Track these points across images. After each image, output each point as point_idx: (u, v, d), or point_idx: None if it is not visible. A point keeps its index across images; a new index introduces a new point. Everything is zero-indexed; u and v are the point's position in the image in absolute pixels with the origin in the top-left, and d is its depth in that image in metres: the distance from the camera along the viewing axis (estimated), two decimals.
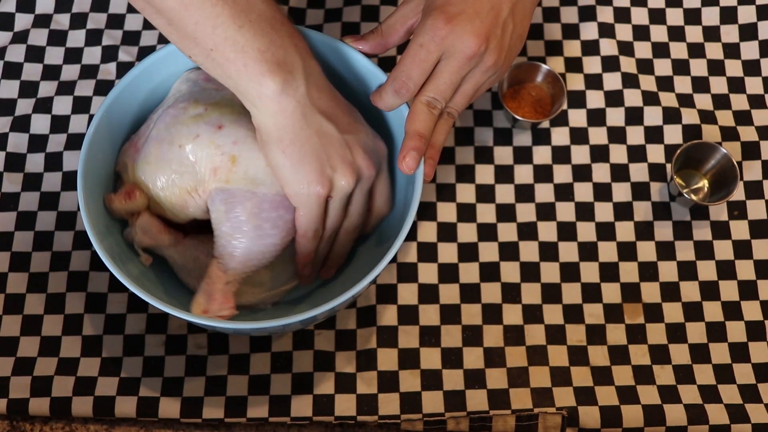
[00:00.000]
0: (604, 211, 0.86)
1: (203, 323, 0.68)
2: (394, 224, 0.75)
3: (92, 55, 0.92)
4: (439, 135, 0.73)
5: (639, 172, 0.88)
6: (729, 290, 0.84)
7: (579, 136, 0.89)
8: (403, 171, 0.70)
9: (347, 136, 0.69)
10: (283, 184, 0.69)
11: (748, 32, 0.94)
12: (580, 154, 0.88)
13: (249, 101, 0.66)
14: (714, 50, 0.94)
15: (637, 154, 0.89)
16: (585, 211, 0.86)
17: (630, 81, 0.91)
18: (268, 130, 0.67)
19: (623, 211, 0.87)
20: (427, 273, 0.83)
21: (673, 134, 0.89)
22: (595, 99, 0.91)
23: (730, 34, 0.94)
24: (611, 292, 0.83)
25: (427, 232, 0.85)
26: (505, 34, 0.71)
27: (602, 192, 0.87)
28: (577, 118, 0.90)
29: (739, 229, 0.86)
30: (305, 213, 0.70)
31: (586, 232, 0.86)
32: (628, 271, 0.84)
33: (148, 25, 0.93)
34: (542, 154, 0.89)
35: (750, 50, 0.94)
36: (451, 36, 0.69)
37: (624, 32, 0.94)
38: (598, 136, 0.89)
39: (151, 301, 0.67)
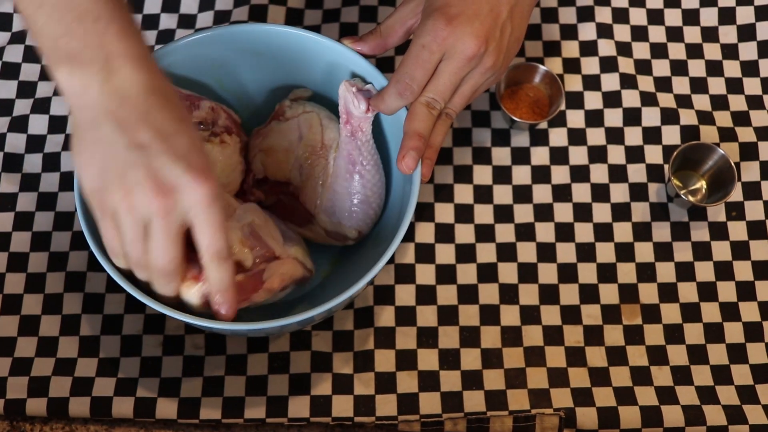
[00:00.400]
0: (602, 212, 0.86)
1: (200, 324, 0.68)
2: (392, 225, 0.75)
3: None
4: (437, 135, 0.73)
5: (637, 172, 0.88)
6: (727, 291, 0.84)
7: (577, 136, 0.89)
8: (402, 171, 0.70)
9: (137, 154, 0.59)
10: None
11: (747, 33, 0.94)
12: (578, 155, 0.88)
13: (60, 88, 0.61)
14: (712, 51, 0.94)
15: (635, 154, 0.89)
16: (583, 212, 0.86)
17: (628, 82, 0.91)
18: (72, 119, 0.62)
19: (621, 212, 0.86)
20: (425, 274, 0.83)
21: (671, 135, 0.89)
22: (593, 100, 0.90)
23: (728, 34, 0.94)
24: (609, 293, 0.83)
25: (425, 232, 0.85)
26: (504, 35, 0.71)
27: (600, 193, 0.87)
28: (575, 118, 0.90)
29: (737, 230, 0.86)
30: (97, 221, 0.63)
31: (583, 232, 0.86)
32: (626, 272, 0.84)
33: (146, 26, 0.93)
34: (540, 155, 0.88)
35: (748, 51, 0.94)
36: (452, 37, 0.69)
37: (622, 33, 0.94)
38: (596, 136, 0.89)
39: (147, 302, 0.67)
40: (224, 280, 0.64)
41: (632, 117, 0.90)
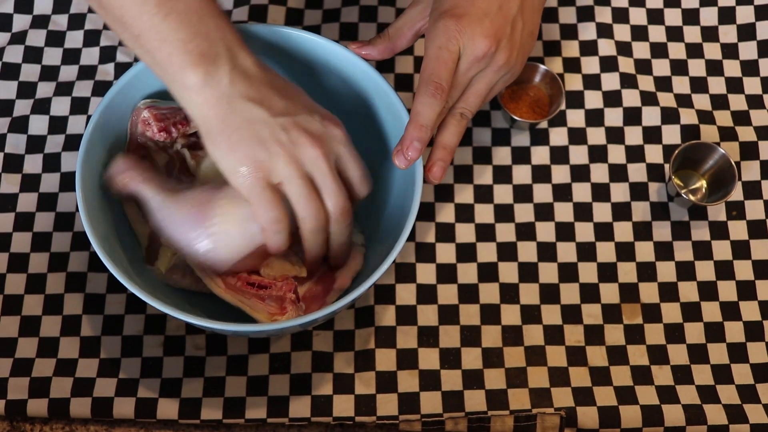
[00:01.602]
0: (602, 212, 0.86)
1: (202, 325, 0.68)
2: (394, 227, 0.75)
3: (90, 55, 0.92)
4: (452, 136, 0.73)
5: (637, 172, 0.88)
6: (727, 290, 0.84)
7: (577, 136, 0.89)
8: (399, 164, 0.70)
9: (282, 118, 0.66)
10: (224, 176, 0.67)
11: (747, 32, 0.94)
12: (579, 155, 0.88)
13: (176, 92, 0.65)
14: (712, 50, 0.94)
15: (635, 154, 0.89)
16: (583, 212, 0.86)
17: (628, 81, 0.91)
18: (198, 123, 0.66)
19: (621, 212, 0.87)
20: (426, 273, 0.83)
21: (672, 134, 0.89)
22: (593, 99, 0.91)
23: (728, 34, 0.94)
24: (609, 293, 0.83)
25: (426, 232, 0.85)
26: (515, 31, 0.71)
27: (600, 192, 0.87)
28: (576, 118, 0.90)
29: (738, 230, 0.86)
30: (254, 202, 0.67)
31: (584, 232, 0.86)
32: (627, 272, 0.84)
33: None
34: (540, 155, 0.89)
35: (748, 50, 0.94)
36: (463, 37, 0.69)
37: (622, 32, 0.94)
38: (596, 136, 0.89)
39: (152, 302, 0.67)
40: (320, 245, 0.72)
41: (632, 116, 0.90)
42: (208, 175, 0.75)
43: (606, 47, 0.92)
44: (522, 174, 0.88)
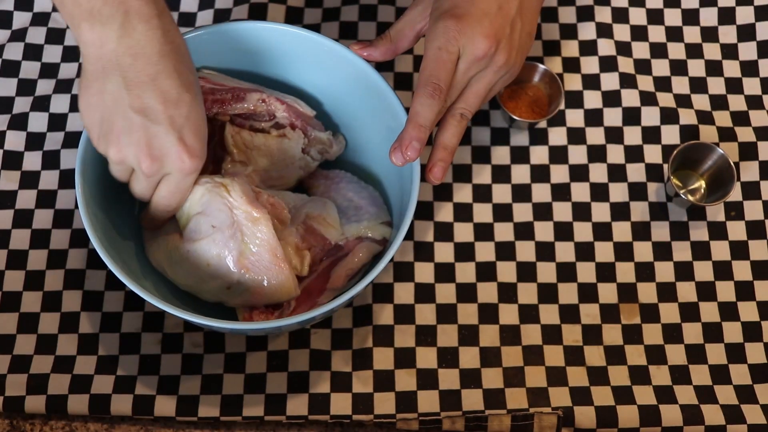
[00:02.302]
0: (600, 211, 0.86)
1: (201, 322, 0.68)
2: (392, 225, 0.75)
3: None
4: (452, 137, 0.73)
5: (636, 172, 0.88)
6: (726, 291, 0.84)
7: (576, 136, 0.89)
8: (396, 162, 0.71)
9: (138, 117, 0.63)
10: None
11: (747, 33, 0.94)
12: (577, 154, 0.88)
13: (77, 40, 0.65)
14: (712, 51, 0.94)
15: (634, 154, 0.89)
16: (582, 211, 0.86)
17: (628, 81, 0.91)
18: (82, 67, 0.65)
19: (620, 212, 0.86)
20: (424, 272, 0.83)
21: (671, 135, 0.89)
22: (592, 99, 0.91)
23: (728, 34, 0.94)
24: (608, 293, 0.83)
25: (424, 231, 0.85)
26: (515, 32, 0.72)
27: (599, 192, 0.87)
28: (575, 118, 0.90)
29: (736, 230, 0.86)
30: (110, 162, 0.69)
31: (582, 232, 0.86)
32: (625, 272, 0.84)
33: None
34: (539, 154, 0.89)
35: (748, 51, 0.94)
36: (463, 38, 0.70)
37: (622, 32, 0.94)
38: (595, 136, 0.89)
39: (150, 300, 0.67)
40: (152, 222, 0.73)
41: (632, 116, 0.90)
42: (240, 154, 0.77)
43: (605, 47, 0.92)
44: (521, 173, 0.88)
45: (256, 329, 0.70)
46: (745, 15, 0.95)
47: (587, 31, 0.93)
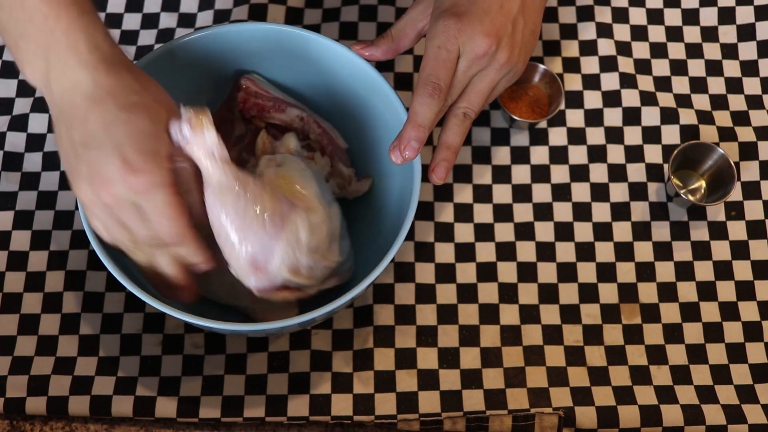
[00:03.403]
0: (601, 212, 0.87)
1: (200, 324, 0.68)
2: (392, 226, 0.75)
3: None
4: (454, 136, 0.73)
5: (636, 172, 0.88)
6: (726, 291, 0.84)
7: (576, 136, 0.89)
8: (395, 161, 0.70)
9: (85, 148, 0.61)
10: None
11: (746, 33, 0.94)
12: (578, 155, 0.88)
13: None
14: (712, 51, 0.94)
15: (634, 154, 0.89)
16: (582, 212, 0.86)
17: (628, 81, 0.91)
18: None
19: (620, 212, 0.87)
20: (424, 273, 0.83)
21: (671, 134, 0.89)
22: (592, 99, 0.91)
23: (728, 34, 0.94)
24: (608, 293, 0.83)
25: (425, 232, 0.85)
26: (516, 30, 0.71)
27: (599, 192, 0.87)
28: (575, 118, 0.90)
29: (737, 230, 0.86)
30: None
31: (583, 232, 0.86)
32: (626, 272, 0.84)
33: (145, 25, 0.93)
34: (539, 155, 0.89)
35: (748, 51, 0.94)
36: (462, 36, 0.69)
37: (622, 32, 0.94)
38: (595, 136, 0.89)
39: (149, 301, 0.67)
40: (175, 274, 0.66)
41: (632, 116, 0.90)
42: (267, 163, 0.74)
43: (605, 47, 0.92)
44: (521, 174, 0.88)
45: (256, 331, 0.70)
46: (745, 15, 0.95)
47: (587, 31, 0.93)
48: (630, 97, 0.90)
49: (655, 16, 0.95)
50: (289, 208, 0.68)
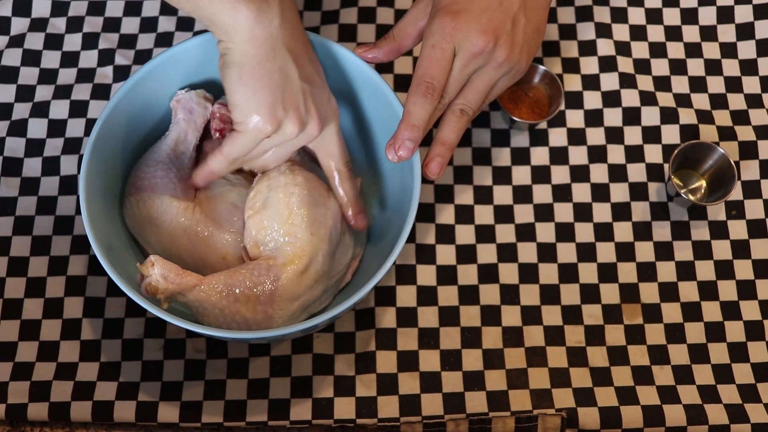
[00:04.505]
0: (602, 212, 0.86)
1: (203, 332, 0.68)
2: (393, 228, 0.75)
3: (89, 58, 0.92)
4: (450, 132, 0.73)
5: (637, 172, 0.88)
6: (727, 290, 0.84)
7: (576, 136, 0.89)
8: (392, 159, 0.71)
9: (306, 84, 0.69)
10: (232, 108, 0.68)
11: (745, 32, 0.94)
12: (578, 155, 0.88)
13: (223, 30, 0.65)
14: (711, 50, 0.94)
15: (634, 154, 0.89)
16: (583, 212, 0.86)
17: (627, 81, 0.91)
18: (232, 56, 0.66)
19: (621, 212, 0.86)
20: (426, 275, 0.83)
21: (671, 134, 0.89)
22: (592, 99, 0.90)
23: (727, 33, 0.94)
24: (610, 293, 0.83)
25: (426, 233, 0.85)
26: (517, 28, 0.71)
27: (600, 192, 0.87)
28: (575, 118, 0.90)
29: (737, 229, 0.86)
30: (241, 141, 0.70)
31: (584, 232, 0.86)
32: (627, 272, 0.84)
33: (144, 29, 0.93)
34: (540, 155, 0.88)
35: (747, 50, 0.94)
36: (458, 34, 0.69)
37: (621, 32, 0.94)
38: (595, 136, 0.89)
39: (148, 308, 0.67)
40: (350, 192, 0.75)
41: (632, 116, 0.90)
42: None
43: (605, 47, 0.92)
44: (521, 175, 0.88)
45: (260, 338, 0.70)
46: (743, 14, 0.95)
47: (586, 31, 0.93)
48: (630, 97, 0.90)
49: (654, 16, 0.95)
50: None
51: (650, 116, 0.89)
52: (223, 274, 0.71)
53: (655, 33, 0.94)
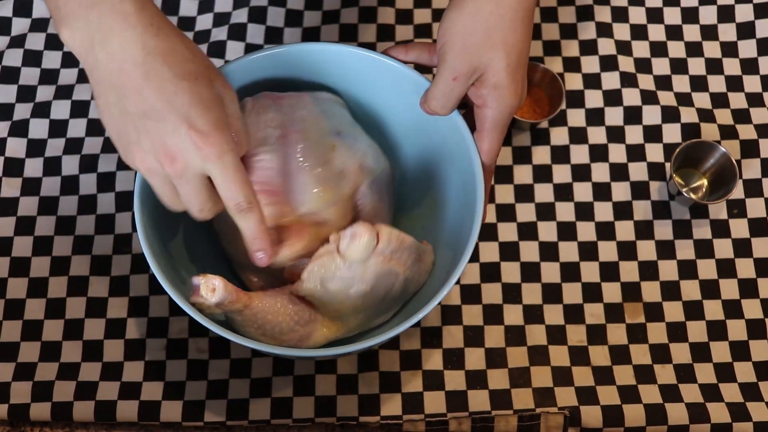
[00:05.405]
0: (603, 211, 0.87)
1: (270, 351, 0.66)
2: (454, 244, 0.72)
3: None
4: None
5: (638, 171, 0.88)
6: (729, 289, 0.84)
7: (578, 135, 0.89)
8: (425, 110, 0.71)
9: (146, 120, 0.59)
10: None
11: (746, 31, 0.94)
12: (579, 154, 0.89)
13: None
14: (712, 49, 0.94)
15: (636, 153, 0.89)
16: (584, 211, 0.86)
17: (628, 80, 0.91)
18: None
19: (623, 211, 0.87)
20: None
21: (672, 133, 0.89)
22: (593, 98, 0.91)
23: (727, 32, 0.94)
24: (611, 292, 0.83)
25: None
26: (524, 81, 0.72)
27: (601, 191, 0.87)
28: (576, 117, 0.90)
29: (739, 228, 0.86)
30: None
31: (585, 231, 0.86)
32: (628, 271, 0.84)
33: None
34: (541, 154, 0.89)
35: (748, 49, 0.94)
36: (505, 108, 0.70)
37: (622, 32, 0.94)
38: (596, 135, 0.89)
39: (214, 329, 0.66)
40: (251, 228, 0.64)
41: (633, 115, 0.90)
42: None
43: (606, 46, 0.93)
44: (523, 174, 0.88)
45: (325, 356, 0.71)
46: (744, 13, 0.95)
47: (587, 30, 0.94)
48: (631, 96, 0.90)
49: (654, 15, 0.95)
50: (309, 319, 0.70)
51: (651, 115, 0.90)
52: (269, 301, 0.69)
53: (656, 32, 0.94)
